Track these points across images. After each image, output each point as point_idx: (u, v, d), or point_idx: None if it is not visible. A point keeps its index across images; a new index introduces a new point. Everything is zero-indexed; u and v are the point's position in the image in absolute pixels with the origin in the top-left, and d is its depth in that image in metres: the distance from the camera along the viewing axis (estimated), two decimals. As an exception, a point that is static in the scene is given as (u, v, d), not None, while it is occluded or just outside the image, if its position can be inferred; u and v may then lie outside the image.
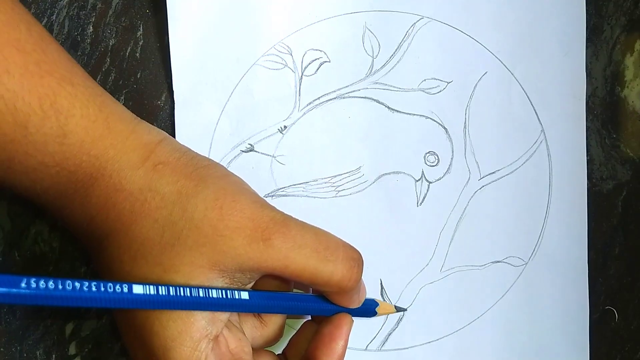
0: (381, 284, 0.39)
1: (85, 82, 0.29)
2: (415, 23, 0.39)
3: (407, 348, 0.39)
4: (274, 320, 0.32)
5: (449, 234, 0.39)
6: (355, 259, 0.31)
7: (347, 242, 0.31)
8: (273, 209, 0.30)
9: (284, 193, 0.38)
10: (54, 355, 0.36)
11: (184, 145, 0.31)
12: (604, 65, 0.41)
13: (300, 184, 0.38)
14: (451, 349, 0.39)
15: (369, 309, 0.34)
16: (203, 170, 0.30)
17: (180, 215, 0.28)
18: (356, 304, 0.32)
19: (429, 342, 0.39)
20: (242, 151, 0.38)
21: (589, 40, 0.40)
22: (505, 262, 0.40)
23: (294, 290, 0.33)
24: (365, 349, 0.39)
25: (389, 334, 0.39)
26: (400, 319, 0.39)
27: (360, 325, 0.38)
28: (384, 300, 0.39)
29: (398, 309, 0.37)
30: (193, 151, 0.31)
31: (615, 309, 0.41)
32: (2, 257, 0.35)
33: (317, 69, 0.38)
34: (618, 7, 0.41)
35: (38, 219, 0.35)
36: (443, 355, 0.39)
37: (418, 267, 0.39)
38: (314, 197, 0.38)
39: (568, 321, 0.40)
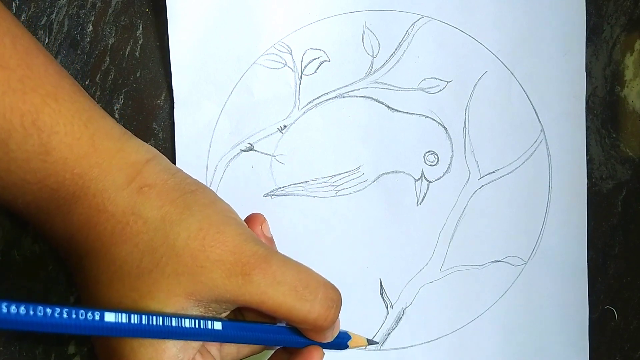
0: (381, 283, 0.39)
1: (72, 97, 0.29)
2: (415, 22, 0.39)
3: (406, 347, 0.39)
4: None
5: (449, 234, 0.39)
6: (334, 300, 0.30)
7: (329, 281, 0.30)
8: (257, 242, 0.29)
9: (283, 192, 0.38)
10: (53, 355, 0.36)
11: (173, 166, 0.31)
12: (604, 64, 0.41)
13: (299, 183, 0.38)
14: (450, 349, 0.39)
15: (340, 342, 0.34)
16: (190, 197, 0.29)
17: (161, 242, 0.28)
18: (329, 339, 0.32)
19: (429, 342, 0.39)
20: (242, 150, 0.38)
21: (588, 39, 0.40)
22: (505, 262, 0.40)
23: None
24: (365, 348, 0.39)
25: (389, 333, 0.39)
26: (399, 318, 0.39)
27: (359, 325, 0.38)
28: (384, 299, 0.39)
29: (370, 342, 0.36)
30: (182, 172, 0.31)
31: (615, 308, 0.41)
32: (2, 256, 0.35)
33: (317, 68, 0.38)
34: (618, 6, 0.41)
35: (37, 218, 0.35)
36: (442, 355, 0.39)
37: (418, 267, 0.39)
38: (314, 197, 0.38)
39: (567, 321, 0.40)
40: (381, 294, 0.39)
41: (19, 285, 0.35)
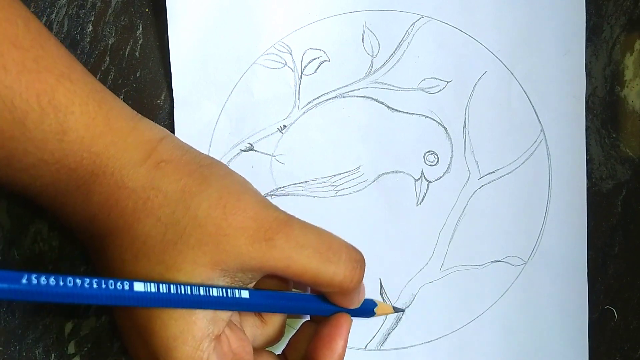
0: (380, 283, 0.39)
1: (85, 78, 0.29)
2: (415, 22, 0.39)
3: (406, 347, 0.39)
4: (274, 320, 0.32)
5: (449, 234, 0.39)
6: (358, 260, 0.30)
7: (350, 243, 0.31)
8: (276, 209, 0.30)
9: (283, 192, 0.38)
10: (53, 355, 0.36)
11: (185, 143, 0.31)
12: (604, 64, 0.41)
13: (299, 183, 0.38)
14: (450, 349, 0.39)
15: (367, 309, 0.34)
16: (206, 169, 0.30)
17: (183, 214, 0.28)
18: (356, 304, 0.32)
19: (428, 342, 0.39)
20: (242, 150, 0.38)
21: (588, 39, 0.40)
22: (505, 262, 0.40)
23: (293, 290, 0.33)
24: (365, 348, 0.39)
25: (388, 333, 0.39)
26: (399, 319, 0.39)
27: (359, 325, 0.38)
28: (383, 299, 0.39)
29: (396, 310, 0.37)
30: (195, 149, 0.31)
31: (615, 308, 0.41)
32: (2, 255, 0.35)
33: (317, 68, 0.38)
34: (618, 6, 0.41)
35: (37, 217, 0.35)
36: (442, 355, 0.39)
37: (417, 267, 0.39)
38: (314, 197, 0.38)
39: (567, 321, 0.40)
40: (381, 293, 0.39)
41: (19, 285, 0.35)
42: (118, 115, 0.29)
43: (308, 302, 0.32)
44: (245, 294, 0.29)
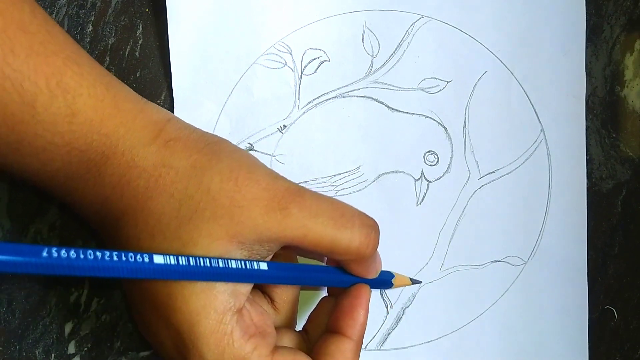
0: (380, 283, 0.39)
1: (91, 62, 0.29)
2: (415, 22, 0.39)
3: (406, 347, 0.39)
4: (286, 307, 0.32)
5: (449, 234, 0.39)
6: (372, 226, 0.31)
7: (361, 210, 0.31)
8: (287, 180, 0.30)
9: (283, 192, 0.38)
10: (53, 354, 0.36)
11: (191, 124, 0.31)
12: (604, 64, 0.41)
13: (299, 183, 0.38)
14: (450, 349, 0.39)
15: (385, 280, 0.34)
16: (215, 146, 0.30)
17: (196, 189, 0.28)
18: (373, 274, 0.33)
19: (428, 342, 0.39)
20: (242, 150, 0.38)
21: (588, 39, 0.40)
22: (505, 262, 0.40)
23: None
24: (365, 348, 0.39)
25: (388, 333, 0.39)
26: (399, 318, 0.39)
27: (359, 325, 0.38)
28: (383, 299, 0.39)
29: (414, 282, 0.37)
30: (201, 129, 0.31)
31: (615, 308, 0.41)
32: (2, 256, 0.35)
33: (317, 68, 0.38)
34: (618, 6, 0.41)
35: (37, 217, 0.35)
36: (442, 355, 0.39)
37: (417, 267, 0.39)
38: (314, 197, 0.38)
39: (567, 321, 0.40)
40: (381, 293, 0.39)
41: (19, 286, 0.35)
42: (125, 98, 0.29)
43: (326, 274, 0.32)
44: (263, 265, 0.29)
